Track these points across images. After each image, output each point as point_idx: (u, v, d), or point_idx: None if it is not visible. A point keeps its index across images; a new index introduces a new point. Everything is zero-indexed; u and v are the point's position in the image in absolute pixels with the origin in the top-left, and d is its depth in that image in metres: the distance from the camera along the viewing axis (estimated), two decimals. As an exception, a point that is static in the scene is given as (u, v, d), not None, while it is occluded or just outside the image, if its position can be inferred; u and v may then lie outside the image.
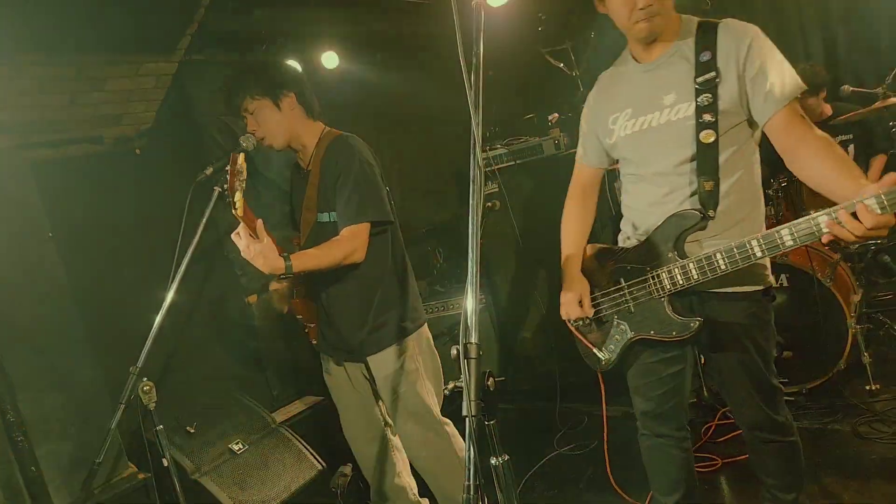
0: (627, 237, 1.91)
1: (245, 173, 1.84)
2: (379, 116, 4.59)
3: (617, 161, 1.96)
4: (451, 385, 1.11)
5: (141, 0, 2.67)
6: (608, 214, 3.50)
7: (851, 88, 3.68)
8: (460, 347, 1.06)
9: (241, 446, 2.80)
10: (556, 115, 4.09)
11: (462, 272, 1.12)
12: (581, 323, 1.91)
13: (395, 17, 4.11)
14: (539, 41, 4.27)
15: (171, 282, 2.14)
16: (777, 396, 1.85)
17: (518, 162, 4.10)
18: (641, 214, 1.84)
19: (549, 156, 4.02)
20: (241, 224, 1.88)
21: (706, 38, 1.64)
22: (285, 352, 3.75)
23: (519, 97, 4.80)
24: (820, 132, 1.59)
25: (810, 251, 3.27)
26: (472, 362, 1.04)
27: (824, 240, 1.41)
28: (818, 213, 1.42)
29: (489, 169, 4.16)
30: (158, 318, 2.12)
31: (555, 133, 4.03)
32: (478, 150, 1.24)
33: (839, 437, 2.88)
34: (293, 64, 3.34)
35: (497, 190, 4.13)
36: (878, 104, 3.24)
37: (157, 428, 2.06)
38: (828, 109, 3.90)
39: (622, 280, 1.82)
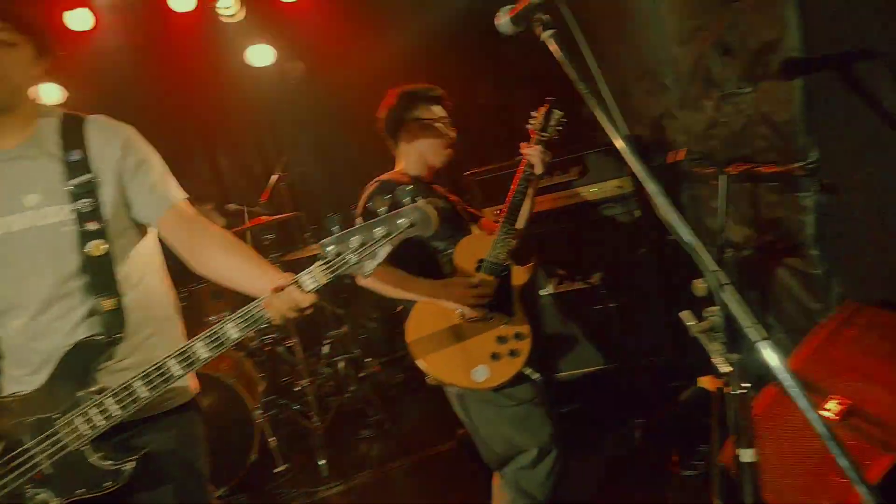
0: (13, 382, 1.50)
1: None
2: None
3: None
4: None
5: None
6: None
7: (235, 206, 4.26)
8: None
9: None
10: None
11: None
12: None
13: None
14: None
15: None
16: None
17: None
18: (25, 351, 1.48)
19: None
20: None
21: (73, 135, 1.49)
22: None
23: None
24: (219, 227, 1.58)
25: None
26: None
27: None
28: (226, 319, 1.39)
29: None
30: None
31: None
32: None
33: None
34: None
35: None
36: (253, 221, 3.89)
37: None
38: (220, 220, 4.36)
39: (25, 438, 1.43)
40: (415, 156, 2.22)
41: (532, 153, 2.13)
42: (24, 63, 1.45)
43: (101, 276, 1.45)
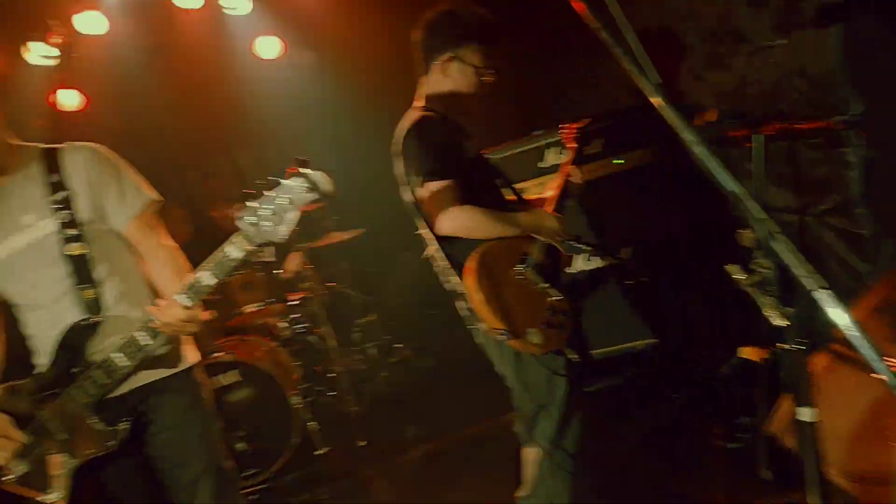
0: (38, 370, 1.79)
1: None
2: None
3: None
4: None
5: None
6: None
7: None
8: None
9: None
10: None
11: None
12: (13, 477, 1.73)
13: None
14: None
15: None
16: None
17: None
18: (44, 340, 1.76)
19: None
20: None
21: (51, 161, 1.74)
22: None
23: None
24: (170, 241, 1.85)
25: (250, 343, 3.51)
26: None
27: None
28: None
29: None
30: None
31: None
32: None
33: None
34: None
35: None
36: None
37: None
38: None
39: (41, 410, 1.71)
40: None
41: (575, 173, 2.20)
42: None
43: (81, 271, 1.71)
